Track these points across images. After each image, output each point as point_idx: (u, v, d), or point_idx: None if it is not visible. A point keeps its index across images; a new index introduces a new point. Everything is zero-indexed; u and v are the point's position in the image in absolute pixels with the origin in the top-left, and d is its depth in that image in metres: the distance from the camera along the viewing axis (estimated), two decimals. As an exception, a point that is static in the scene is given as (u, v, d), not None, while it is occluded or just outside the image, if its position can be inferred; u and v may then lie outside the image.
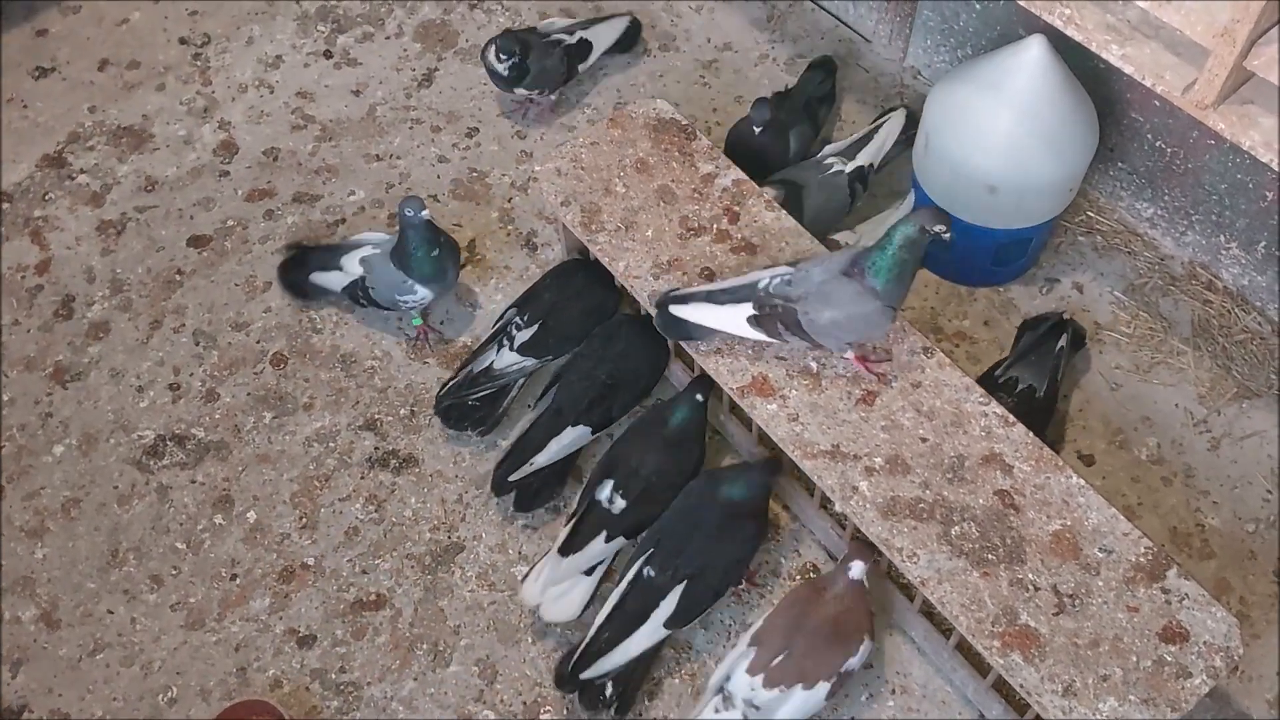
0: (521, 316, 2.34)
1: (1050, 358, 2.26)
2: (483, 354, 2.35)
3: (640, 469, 2.14)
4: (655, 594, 2.04)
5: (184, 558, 2.27)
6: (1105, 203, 2.63)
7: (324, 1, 3.04)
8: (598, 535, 2.12)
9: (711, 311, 2.02)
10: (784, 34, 2.96)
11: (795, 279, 1.96)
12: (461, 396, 2.33)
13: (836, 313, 1.92)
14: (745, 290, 2.00)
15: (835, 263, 1.94)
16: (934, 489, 1.94)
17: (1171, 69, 1.83)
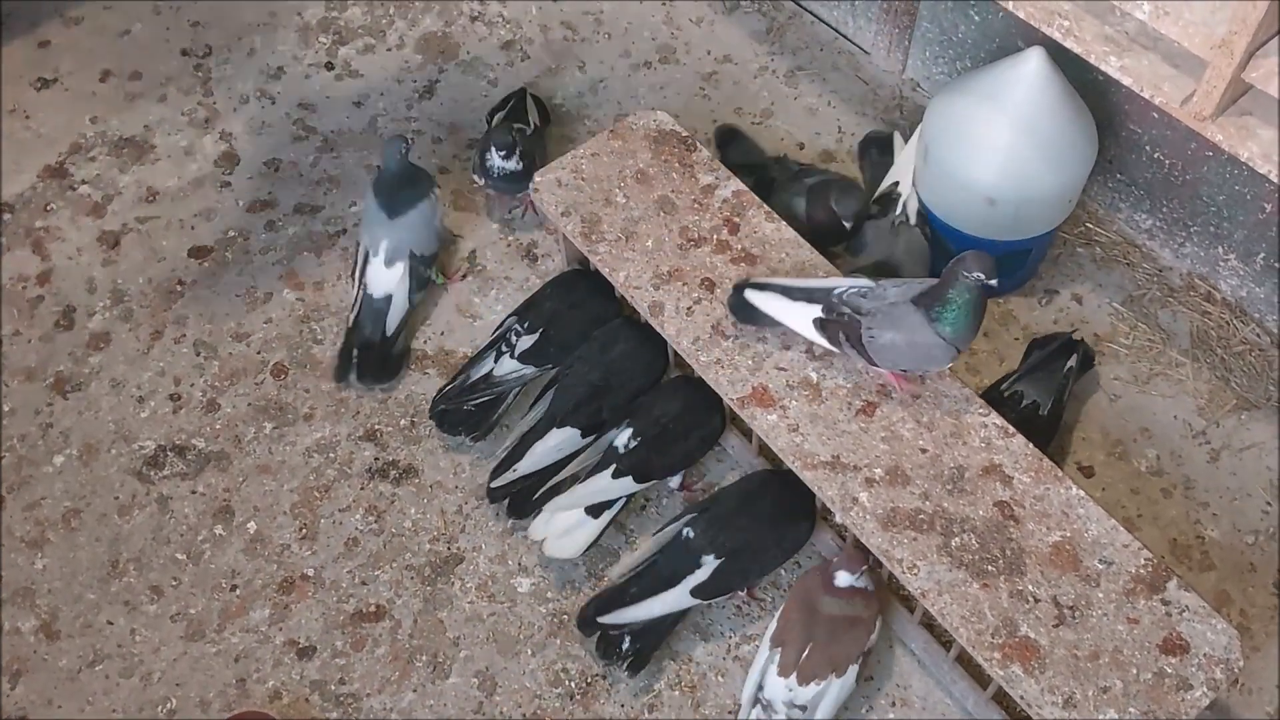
0: (522, 324, 2.34)
1: (1057, 376, 2.26)
2: (480, 361, 2.36)
3: (660, 416, 2.20)
4: (690, 559, 2.08)
5: (184, 568, 2.26)
6: (1104, 214, 2.63)
7: (326, 13, 3.05)
8: (606, 470, 2.16)
9: (783, 305, 2.02)
10: (783, 46, 2.97)
11: (870, 294, 1.96)
12: (458, 402, 2.33)
13: (898, 337, 1.92)
14: (819, 293, 2.00)
15: (911, 289, 1.93)
16: (934, 500, 1.94)
17: (1170, 80, 1.84)
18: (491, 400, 2.36)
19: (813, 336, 2.01)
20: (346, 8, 3.05)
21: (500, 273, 2.62)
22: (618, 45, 2.98)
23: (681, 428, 2.22)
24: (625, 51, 2.97)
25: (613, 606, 2.08)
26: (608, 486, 2.16)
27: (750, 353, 2.11)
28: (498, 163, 2.51)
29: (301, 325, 2.55)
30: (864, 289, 1.97)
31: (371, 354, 2.44)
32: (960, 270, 1.84)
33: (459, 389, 2.35)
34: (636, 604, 2.07)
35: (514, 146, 2.49)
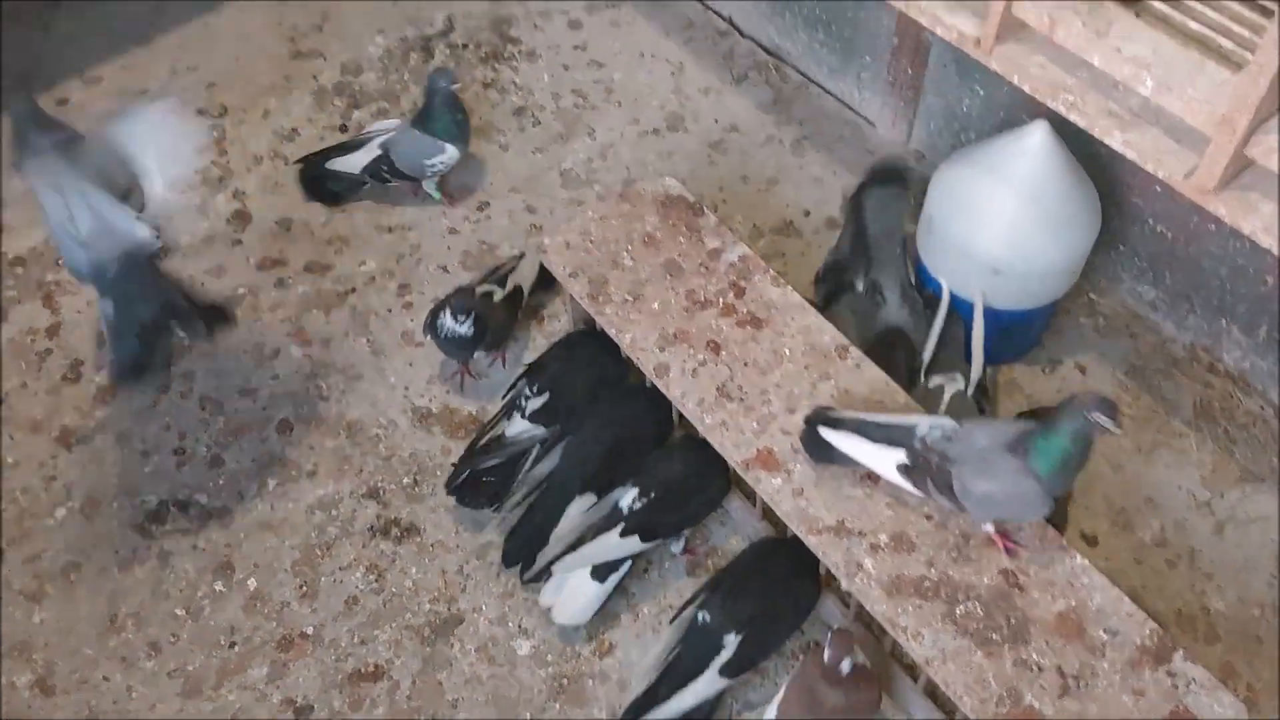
0: (532, 386, 2.36)
1: None
2: (493, 426, 2.36)
3: (665, 476, 2.20)
4: (711, 641, 2.06)
5: (183, 624, 2.25)
6: (1107, 285, 2.65)
7: (341, 77, 3.10)
8: (612, 530, 2.15)
9: (862, 445, 1.94)
10: (790, 116, 3.02)
11: (956, 436, 1.87)
12: (473, 467, 2.33)
13: (993, 487, 1.84)
14: (900, 433, 1.92)
15: (1001, 434, 1.85)
16: (939, 567, 1.93)
17: (1173, 155, 1.87)
18: (507, 466, 2.34)
19: (897, 481, 1.93)
20: (362, 72, 3.11)
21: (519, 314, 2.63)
22: (627, 113, 3.03)
23: (687, 488, 2.22)
24: (635, 119, 3.02)
25: (647, 710, 2.05)
26: (615, 546, 2.15)
27: (755, 416, 2.11)
28: (448, 323, 2.41)
29: (308, 382, 2.56)
30: (948, 430, 1.89)
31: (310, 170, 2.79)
32: (1079, 407, 1.74)
33: (472, 455, 2.34)
34: (669, 700, 2.04)
35: (470, 312, 2.40)
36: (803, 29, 3.00)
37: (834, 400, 2.12)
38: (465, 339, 2.42)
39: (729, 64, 3.13)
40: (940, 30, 2.08)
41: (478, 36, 3.18)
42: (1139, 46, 1.84)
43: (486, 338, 2.44)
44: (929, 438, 1.89)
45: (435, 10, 3.24)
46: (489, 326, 2.44)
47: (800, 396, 2.13)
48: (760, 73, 3.11)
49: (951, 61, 2.66)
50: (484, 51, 3.14)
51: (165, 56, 3.14)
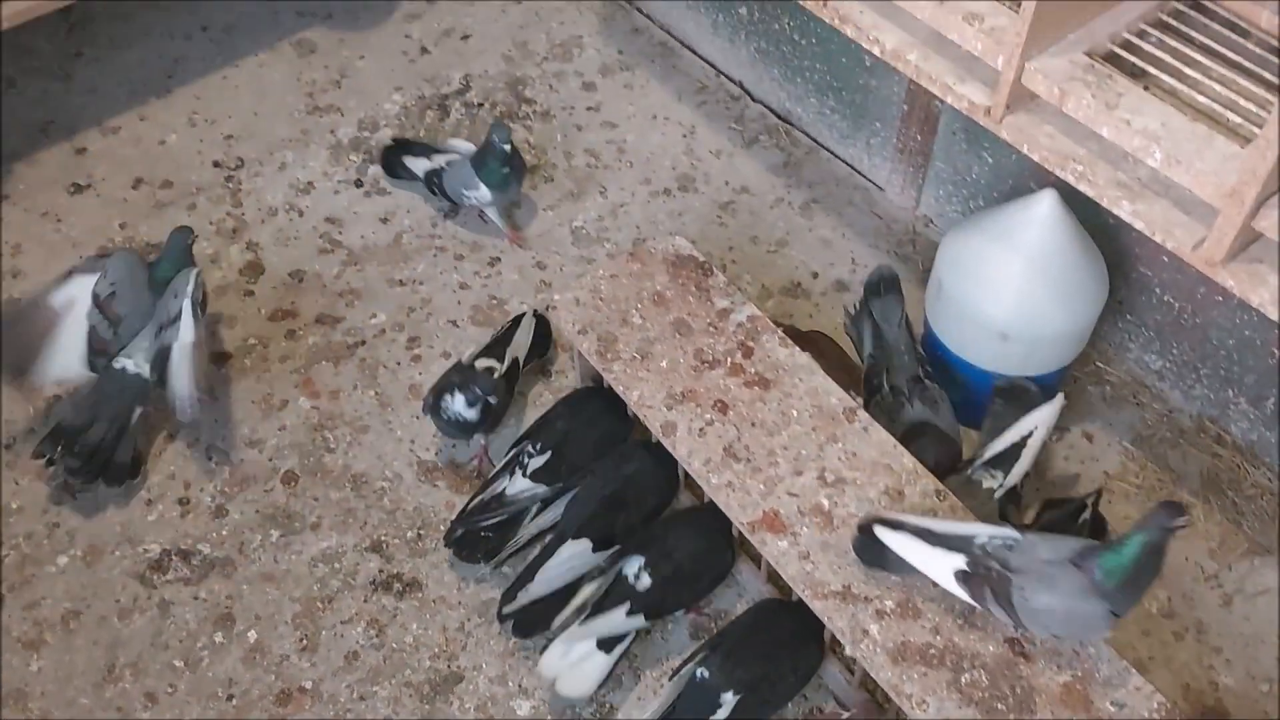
0: (534, 445, 2.35)
1: None
2: (493, 483, 2.36)
3: (674, 552, 2.17)
4: (709, 699, 2.03)
5: (181, 675, 2.23)
6: (1114, 354, 2.66)
7: (358, 133, 3.14)
8: (619, 607, 2.12)
9: (919, 550, 1.87)
10: (799, 179, 3.05)
11: (1018, 547, 1.82)
12: (471, 523, 2.32)
13: (1055, 602, 1.78)
14: (960, 540, 1.86)
15: (1066, 547, 1.80)
16: (944, 634, 1.92)
17: (1181, 226, 1.88)
18: (506, 523, 2.34)
19: (953, 589, 1.86)
20: (379, 128, 3.15)
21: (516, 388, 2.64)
22: (639, 173, 3.07)
23: (696, 566, 2.20)
24: (646, 179, 3.05)
25: None
26: (621, 624, 2.13)
27: (761, 477, 2.11)
28: (456, 407, 2.37)
29: (315, 434, 2.56)
30: (1010, 540, 1.83)
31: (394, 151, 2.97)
32: (1155, 519, 1.71)
33: (472, 511, 2.33)
34: None
35: (481, 400, 2.37)
36: (813, 95, 3.04)
37: (843, 464, 2.12)
38: (471, 423, 2.40)
39: (740, 127, 3.17)
40: (950, 99, 2.10)
41: (494, 96, 3.22)
42: (1148, 119, 1.86)
43: (489, 420, 2.42)
44: (989, 545, 1.83)
45: (452, 70, 3.29)
46: (495, 408, 2.42)
47: (808, 458, 2.13)
48: (771, 136, 3.15)
49: (961, 129, 2.69)
50: (499, 111, 3.19)
51: (184, 108, 3.18)
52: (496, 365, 2.46)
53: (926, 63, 2.12)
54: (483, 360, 2.47)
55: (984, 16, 2.00)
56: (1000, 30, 1.97)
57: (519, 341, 2.56)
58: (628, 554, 2.19)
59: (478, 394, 2.36)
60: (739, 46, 3.17)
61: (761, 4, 3.02)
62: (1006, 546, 1.82)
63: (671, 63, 3.32)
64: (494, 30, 3.39)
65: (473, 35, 3.38)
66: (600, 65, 3.31)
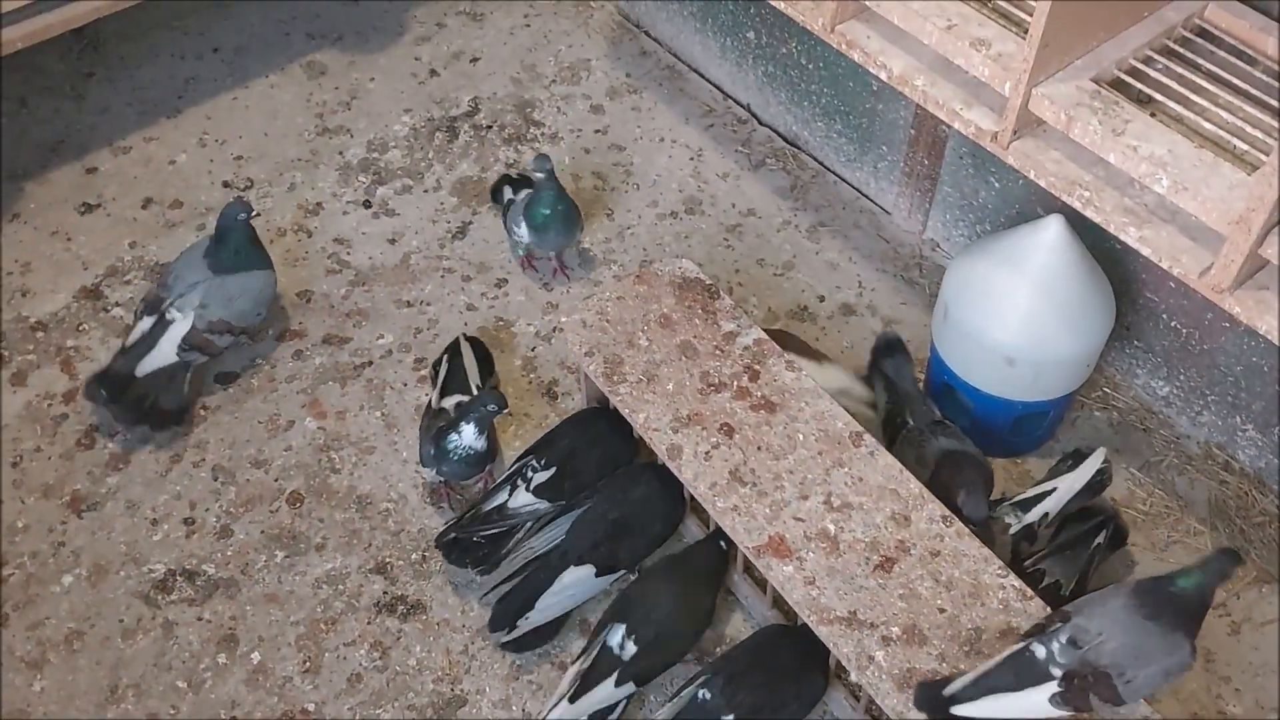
0: (539, 460, 2.35)
1: (1084, 554, 2.19)
2: (494, 495, 2.36)
3: (653, 614, 2.14)
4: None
5: (184, 696, 2.22)
6: (1121, 380, 2.65)
7: (367, 154, 3.16)
8: (607, 679, 2.09)
9: (1010, 701, 1.76)
10: (806, 203, 3.05)
11: (1084, 639, 1.73)
12: (467, 533, 2.33)
13: (1157, 668, 1.72)
14: (1026, 667, 1.76)
15: (1123, 606, 1.73)
16: (950, 661, 1.91)
17: (1188, 252, 1.88)
18: (503, 533, 2.35)
19: (1052, 712, 1.75)
20: (387, 149, 3.16)
21: (520, 409, 2.64)
22: (646, 195, 3.07)
23: (678, 621, 2.17)
24: (653, 201, 3.06)
25: None
26: (611, 694, 2.11)
27: (767, 501, 2.11)
28: (467, 441, 2.29)
29: (321, 455, 2.56)
30: (1069, 636, 1.74)
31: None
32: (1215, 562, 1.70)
33: (469, 520, 2.34)
34: None
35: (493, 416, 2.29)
36: (820, 118, 3.05)
37: (849, 489, 2.11)
38: (483, 454, 2.33)
39: (747, 151, 3.18)
40: (958, 124, 2.11)
41: (502, 118, 3.24)
42: (1154, 145, 1.86)
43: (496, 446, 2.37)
44: (1058, 655, 1.75)
45: (461, 92, 3.30)
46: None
47: (814, 483, 2.12)
48: (778, 160, 3.15)
49: (968, 154, 2.69)
50: (507, 133, 3.20)
51: (194, 129, 3.20)
52: (462, 399, 2.42)
53: (934, 88, 2.13)
54: (450, 399, 2.43)
55: (991, 42, 2.00)
56: (1007, 56, 1.98)
57: (471, 372, 2.52)
58: (608, 624, 2.15)
59: (489, 410, 2.30)
60: (746, 70, 3.19)
61: (769, 28, 3.03)
62: (1073, 644, 1.74)
63: (679, 86, 3.33)
64: (503, 53, 3.41)
65: (481, 58, 3.40)
66: (608, 88, 3.32)
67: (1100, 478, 2.27)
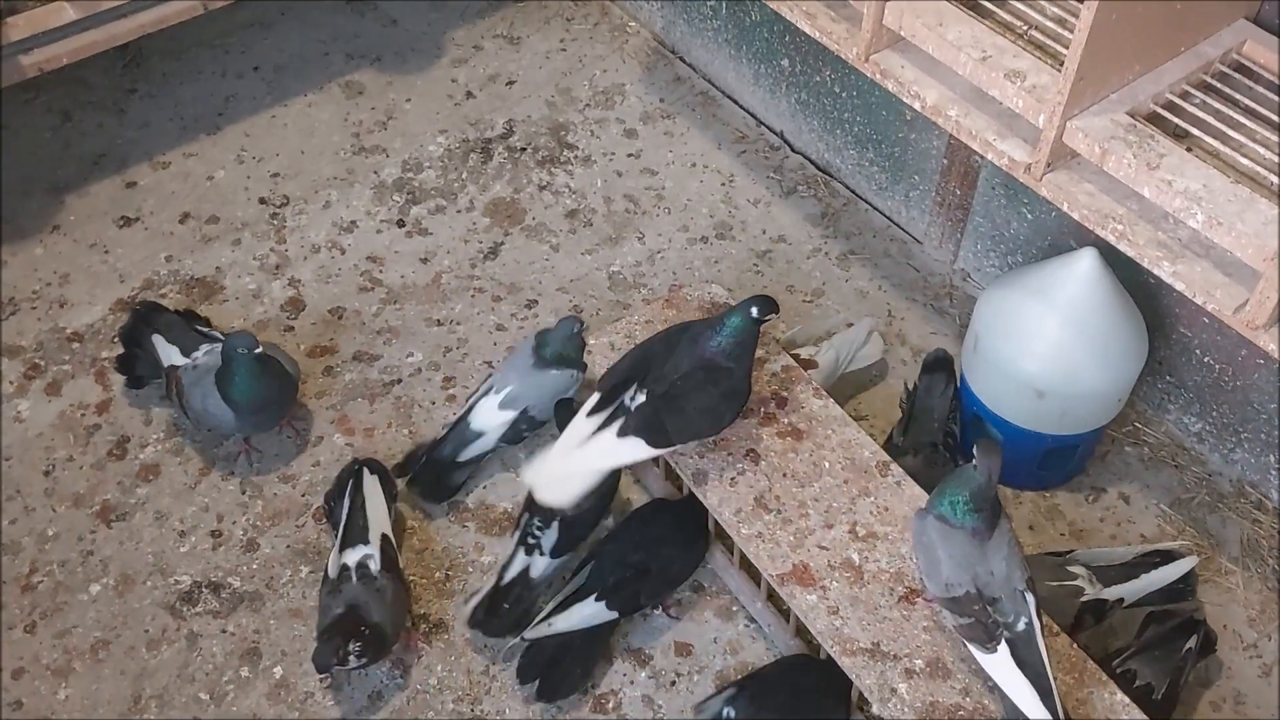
0: (539, 521, 2.29)
1: (1175, 658, 2.11)
2: (509, 565, 2.29)
3: (670, 374, 2.10)
4: None
5: (205, 709, 2.23)
6: (1153, 415, 2.63)
7: (402, 174, 3.19)
8: (612, 425, 2.08)
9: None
10: (837, 230, 3.05)
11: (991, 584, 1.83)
12: (495, 607, 2.27)
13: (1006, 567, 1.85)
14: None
15: None
16: (974, 696, 1.89)
17: (1222, 288, 1.86)
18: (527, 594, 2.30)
19: None
20: (422, 169, 3.19)
21: (546, 429, 2.64)
22: (677, 220, 3.08)
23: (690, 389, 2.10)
24: (684, 226, 3.07)
25: None
26: (612, 444, 2.08)
27: (792, 529, 2.10)
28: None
29: (348, 471, 2.58)
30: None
31: (434, 469, 2.48)
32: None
33: (493, 594, 2.27)
34: None
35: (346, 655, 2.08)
36: (853, 147, 3.05)
37: (874, 518, 2.10)
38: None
39: (779, 177, 3.18)
40: (991, 155, 2.10)
41: (536, 141, 3.26)
42: (1189, 180, 1.85)
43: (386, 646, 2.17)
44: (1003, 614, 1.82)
45: (496, 114, 3.33)
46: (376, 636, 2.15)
47: (839, 511, 2.11)
48: (810, 187, 3.16)
49: (1001, 185, 2.68)
50: (541, 155, 3.22)
51: (233, 145, 3.25)
52: (371, 553, 2.22)
53: (967, 118, 2.13)
54: (354, 553, 2.21)
55: (1026, 74, 2.00)
56: (1042, 88, 1.97)
57: (376, 516, 2.30)
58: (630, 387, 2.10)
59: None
60: (780, 98, 3.19)
61: (803, 56, 3.04)
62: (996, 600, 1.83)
63: (712, 112, 3.35)
64: (538, 77, 3.44)
65: (517, 81, 3.43)
66: (642, 113, 3.34)
67: (1186, 584, 2.24)
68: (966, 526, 1.83)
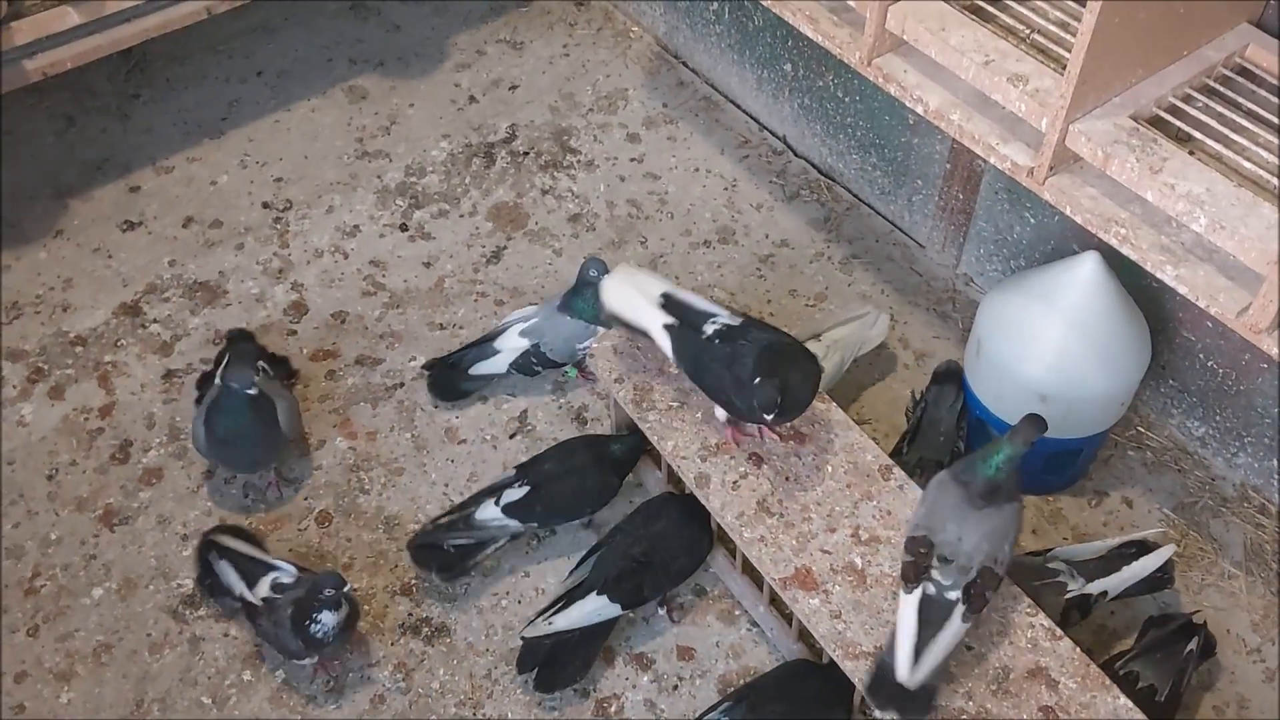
0: (519, 480, 2.37)
1: (1176, 660, 2.12)
2: (471, 503, 2.38)
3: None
4: None
5: (208, 713, 2.23)
6: (1156, 419, 2.63)
7: (405, 178, 3.19)
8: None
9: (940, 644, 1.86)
10: (840, 235, 3.05)
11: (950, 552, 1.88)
12: (438, 538, 2.34)
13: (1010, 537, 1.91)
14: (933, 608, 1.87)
15: (958, 504, 1.89)
16: (977, 700, 1.88)
17: (1225, 292, 1.86)
18: (471, 546, 2.35)
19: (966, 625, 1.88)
20: (425, 174, 3.20)
21: (549, 434, 2.65)
22: (679, 224, 3.09)
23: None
24: (686, 230, 3.07)
25: None
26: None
27: (794, 533, 2.10)
28: (330, 623, 2.13)
29: (350, 474, 2.58)
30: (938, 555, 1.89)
31: (450, 371, 2.67)
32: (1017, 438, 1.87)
33: (443, 525, 2.36)
34: None
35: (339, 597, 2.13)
36: (855, 151, 3.05)
37: (877, 522, 2.10)
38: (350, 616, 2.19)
39: (782, 182, 3.18)
40: (993, 159, 2.10)
41: (539, 145, 3.27)
42: (1192, 184, 1.85)
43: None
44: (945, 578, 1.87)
45: (499, 119, 3.34)
46: None
47: (841, 515, 2.11)
48: (812, 191, 3.16)
49: (1003, 189, 2.69)
50: (544, 160, 3.23)
51: (236, 150, 3.25)
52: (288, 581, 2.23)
53: (970, 123, 2.13)
54: (263, 583, 2.21)
55: (1028, 78, 2.00)
56: (1044, 92, 1.97)
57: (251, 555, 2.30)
58: None
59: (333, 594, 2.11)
60: (782, 102, 3.20)
61: (806, 61, 3.04)
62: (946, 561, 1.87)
63: (715, 117, 3.35)
64: (541, 81, 3.44)
65: (520, 86, 3.43)
66: (645, 118, 3.35)
67: (1165, 573, 2.25)
68: (972, 483, 1.87)
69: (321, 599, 2.10)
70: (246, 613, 2.25)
